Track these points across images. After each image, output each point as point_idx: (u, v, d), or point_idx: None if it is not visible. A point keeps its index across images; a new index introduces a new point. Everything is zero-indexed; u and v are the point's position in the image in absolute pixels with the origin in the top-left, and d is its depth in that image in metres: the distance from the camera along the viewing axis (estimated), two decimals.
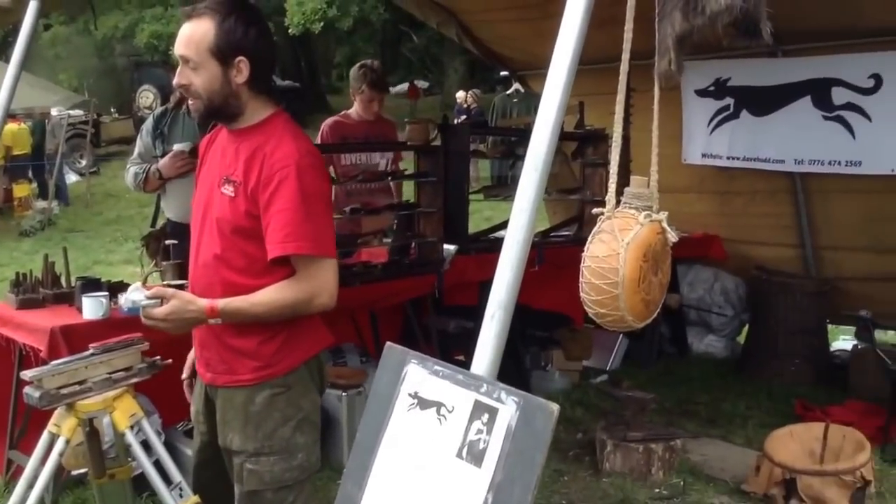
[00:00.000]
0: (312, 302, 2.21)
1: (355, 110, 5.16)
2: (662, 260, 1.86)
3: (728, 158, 5.65)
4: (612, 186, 1.87)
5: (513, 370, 4.98)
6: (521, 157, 6.21)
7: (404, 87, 29.95)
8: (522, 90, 7.35)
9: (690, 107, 5.69)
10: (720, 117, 5.60)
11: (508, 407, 1.47)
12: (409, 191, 5.11)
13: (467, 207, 4.96)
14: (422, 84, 30.32)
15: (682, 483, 4.10)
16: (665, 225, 1.85)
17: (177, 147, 4.28)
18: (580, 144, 5.49)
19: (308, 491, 2.40)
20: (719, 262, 6.17)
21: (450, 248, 4.82)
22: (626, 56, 1.85)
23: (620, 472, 4.17)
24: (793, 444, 4.01)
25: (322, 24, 19.31)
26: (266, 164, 2.18)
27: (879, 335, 5.37)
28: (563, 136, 5.62)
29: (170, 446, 3.46)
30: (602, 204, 1.91)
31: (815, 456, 3.95)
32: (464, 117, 13.24)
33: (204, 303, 2.20)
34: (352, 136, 5.02)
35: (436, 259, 4.73)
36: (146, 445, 2.76)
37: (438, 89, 27.20)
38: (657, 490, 4.05)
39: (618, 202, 1.88)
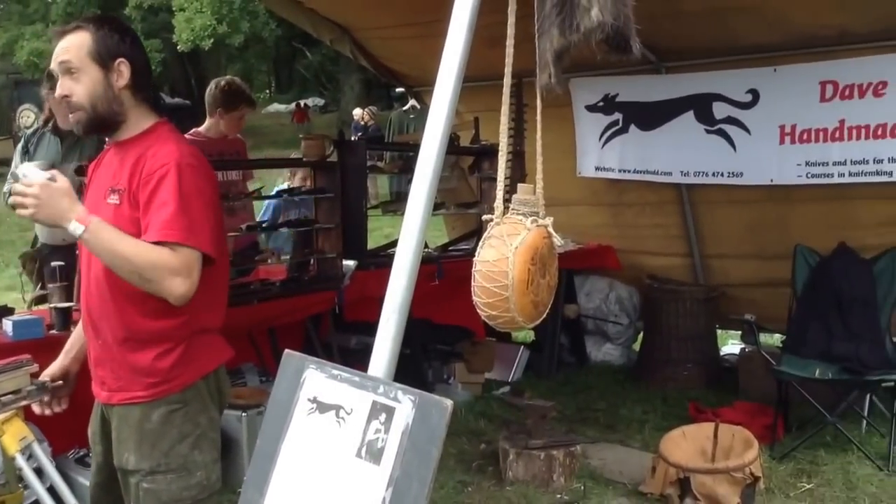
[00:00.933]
0: (170, 279, 2.15)
1: (206, 127, 5.10)
2: (550, 263, 1.99)
3: (620, 171, 5.91)
4: (499, 194, 1.99)
5: (415, 384, 5.05)
6: None
7: (300, 104, 29.83)
8: (419, 106, 7.49)
9: (582, 122, 5.93)
10: (610, 132, 5.85)
11: (405, 405, 1.56)
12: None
13: (366, 223, 5.04)
14: (317, 102, 30.29)
15: (582, 487, 4.25)
16: (551, 230, 1.97)
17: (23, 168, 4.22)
18: (477, 159, 5.65)
19: None
20: (614, 272, 6.42)
21: (349, 263, 4.89)
22: (508, 71, 1.97)
23: (523, 479, 4.29)
24: (686, 444, 4.22)
25: (212, 40, 19.11)
26: (147, 166, 2.22)
27: (766, 338, 5.69)
28: (459, 151, 5.83)
29: (62, 475, 3.40)
30: None
31: (707, 455, 4.16)
32: (361, 134, 13.32)
33: (81, 208, 2.17)
34: (206, 154, 4.97)
35: (335, 275, 4.79)
36: (38, 471, 2.72)
37: (335, 106, 27.23)
38: (559, 496, 4.19)
39: (506, 209, 2.00)
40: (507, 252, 1.85)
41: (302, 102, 27.21)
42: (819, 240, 5.05)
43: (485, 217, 2.01)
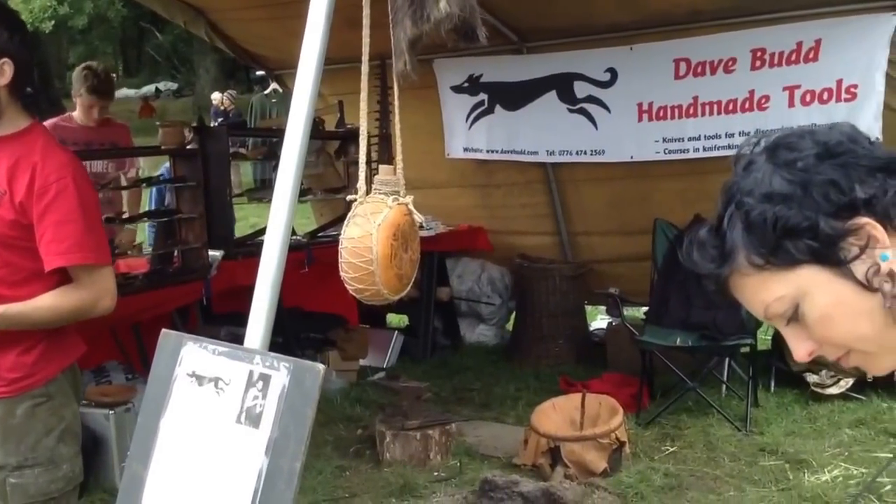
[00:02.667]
0: (97, 305, 2.38)
1: (77, 114, 5.16)
2: (411, 238, 2.22)
3: (487, 151, 6.21)
4: (361, 175, 2.21)
5: None
6: None
7: (152, 88, 29.06)
8: (281, 90, 7.59)
9: (448, 103, 6.20)
10: (476, 112, 6.14)
11: (281, 373, 1.75)
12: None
13: (231, 211, 5.16)
14: (170, 86, 29.57)
15: (458, 464, 4.54)
16: (411, 207, 2.21)
17: None
18: (342, 143, 5.84)
19: (74, 502, 2.54)
20: (485, 253, 6.72)
21: (215, 253, 4.99)
22: (365, 59, 2.19)
23: (400, 460, 4.54)
24: (556, 415, 4.57)
25: (53, 22, 18.47)
26: (39, 175, 2.30)
27: (633, 312, 6.14)
28: (325, 136, 6.00)
29: None
30: None
31: (576, 424, 4.52)
32: (221, 120, 13.23)
33: None
34: (71, 142, 5.01)
35: (201, 266, 4.89)
36: None
37: (190, 90, 26.70)
38: (436, 473, 4.46)
39: (369, 189, 2.22)
40: (371, 229, 2.07)
41: (156, 88, 26.52)
42: (678, 214, 5.47)
43: (349, 197, 2.23)
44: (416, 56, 2.02)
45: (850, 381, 5.04)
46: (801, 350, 1.08)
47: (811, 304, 1.04)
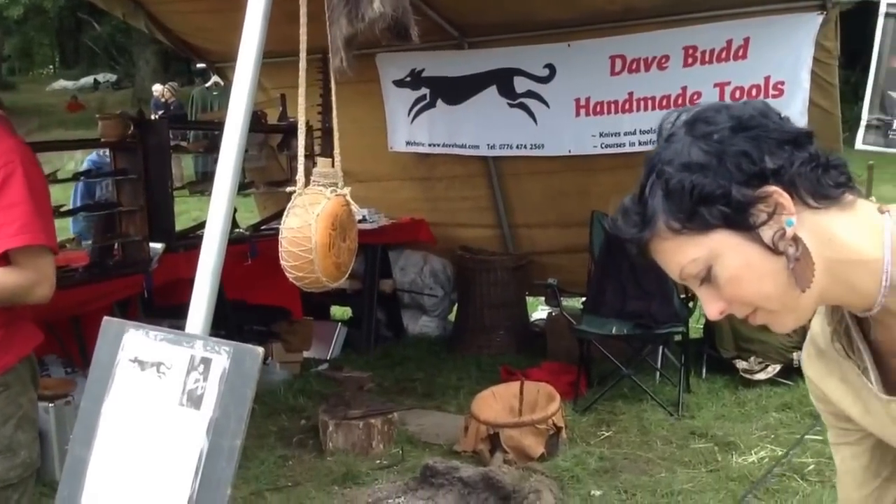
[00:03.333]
0: (34, 290, 2.39)
1: None
2: (349, 228, 2.31)
3: (430, 145, 6.32)
4: (300, 168, 2.30)
5: None
6: None
7: (90, 80, 28.58)
8: (222, 83, 7.60)
9: (390, 97, 6.29)
10: (419, 106, 6.25)
11: (221, 356, 1.83)
12: None
13: (172, 204, 5.18)
14: (109, 77, 29.11)
15: (400, 451, 4.64)
16: (349, 198, 2.30)
17: None
18: (285, 137, 5.88)
19: (32, 488, 2.59)
20: (428, 245, 6.83)
21: (156, 246, 5.02)
22: (303, 56, 2.27)
23: (343, 448, 4.62)
24: (495, 403, 4.70)
25: None
26: None
27: (572, 303, 6.29)
28: (267, 129, 6.05)
29: None
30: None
31: (515, 411, 4.66)
32: (162, 112, 13.13)
33: None
34: None
35: (142, 259, 4.91)
36: None
37: (129, 82, 26.33)
38: (378, 461, 4.55)
39: (308, 182, 2.30)
40: (310, 219, 2.16)
41: (95, 79, 26.06)
42: (615, 206, 5.64)
43: (288, 189, 2.31)
44: (353, 53, 2.11)
45: (778, 367, 5.25)
46: (712, 308, 1.17)
47: (722, 266, 1.13)
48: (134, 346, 1.96)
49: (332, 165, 2.32)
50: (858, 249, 1.14)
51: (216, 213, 1.86)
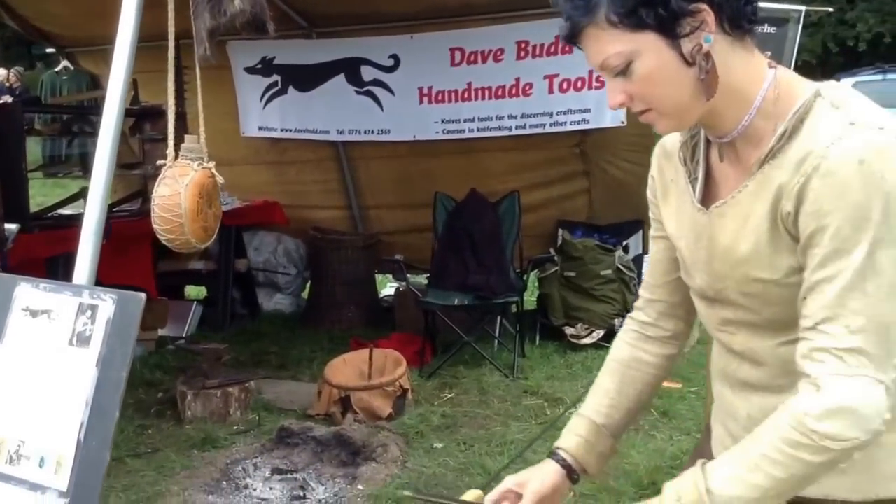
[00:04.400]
0: None
1: None
2: (214, 197, 2.67)
3: (281, 131, 6.65)
4: (170, 143, 2.63)
5: None
6: (78, 134, 6.62)
7: None
8: (72, 67, 7.66)
9: (242, 84, 6.57)
10: (270, 93, 6.56)
11: (107, 302, 2.16)
12: None
13: (26, 185, 5.31)
14: None
15: (257, 417, 4.97)
16: (214, 171, 2.65)
17: None
18: (137, 121, 6.07)
19: None
20: (281, 226, 7.13)
21: (11, 227, 5.14)
22: (171, 45, 2.60)
23: (202, 417, 4.90)
24: (346, 368, 5.10)
25: None
26: None
27: (419, 279, 6.75)
28: None
29: None
30: None
31: (364, 375, 5.07)
32: (7, 96, 12.81)
33: None
34: None
35: None
36: None
37: None
38: (235, 427, 4.87)
39: (177, 156, 2.64)
40: (180, 188, 2.50)
41: None
42: (456, 188, 6.13)
43: (159, 162, 2.64)
44: (215, 43, 2.46)
45: (602, 333, 5.89)
46: (615, 99, 1.35)
47: (641, 63, 1.29)
48: (25, 297, 2.26)
49: (198, 142, 2.67)
50: (743, 85, 1.34)
51: (97, 182, 2.18)
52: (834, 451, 1.24)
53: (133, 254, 6.10)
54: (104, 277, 6.03)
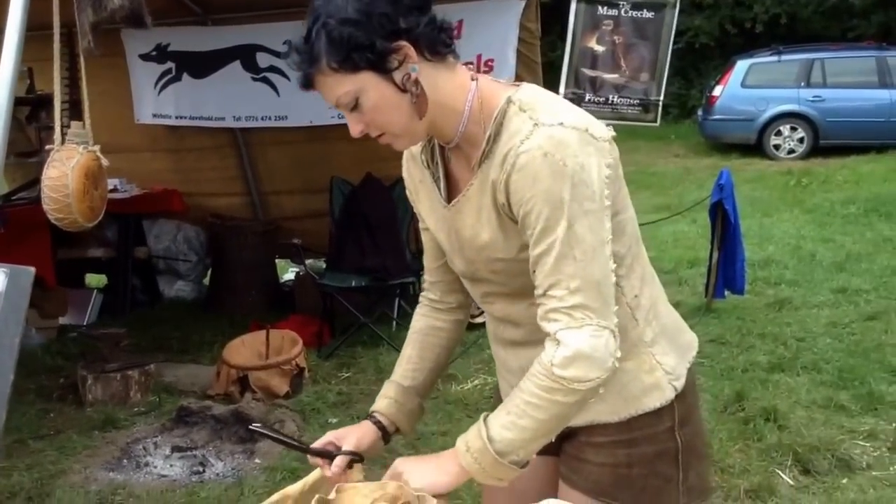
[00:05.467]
0: None
1: None
2: (100, 179, 2.89)
3: (177, 118, 6.76)
4: (57, 129, 2.85)
5: None
6: None
7: None
8: None
9: (136, 70, 6.67)
10: (165, 80, 6.67)
11: (1, 277, 2.39)
12: None
13: None
14: None
15: (157, 399, 5.16)
16: (99, 154, 2.88)
17: None
18: (33, 109, 6.17)
19: None
20: (180, 214, 7.26)
21: None
22: (56, 37, 2.82)
23: (102, 399, 5.08)
24: (244, 349, 5.33)
25: None
26: None
27: (318, 264, 6.99)
28: (15, 102, 6.25)
29: None
30: None
31: (262, 355, 5.31)
32: None
33: None
34: None
35: None
36: None
37: None
38: (136, 409, 5.06)
39: (64, 141, 2.86)
40: (67, 170, 2.72)
41: None
42: (352, 172, 6.37)
43: (47, 147, 2.86)
44: (98, 36, 2.68)
45: None
46: (354, 129, 1.61)
47: (366, 98, 1.55)
48: None
49: (84, 127, 2.89)
50: (451, 99, 1.61)
51: None
52: (581, 391, 1.54)
53: (31, 241, 6.19)
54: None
